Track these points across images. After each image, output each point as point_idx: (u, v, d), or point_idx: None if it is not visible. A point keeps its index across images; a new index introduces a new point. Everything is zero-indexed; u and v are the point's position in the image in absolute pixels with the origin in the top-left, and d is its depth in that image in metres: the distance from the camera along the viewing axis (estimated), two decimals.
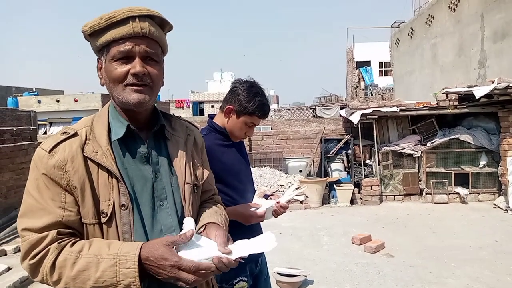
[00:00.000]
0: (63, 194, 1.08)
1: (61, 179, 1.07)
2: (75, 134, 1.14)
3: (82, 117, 1.26)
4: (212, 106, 36.19)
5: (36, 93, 25.46)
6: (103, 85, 1.20)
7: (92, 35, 1.15)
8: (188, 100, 38.24)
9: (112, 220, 1.10)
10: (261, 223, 2.11)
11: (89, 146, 1.12)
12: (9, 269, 4.74)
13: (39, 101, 22.60)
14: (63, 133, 1.14)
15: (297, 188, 2.11)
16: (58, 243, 1.05)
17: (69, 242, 1.06)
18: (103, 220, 1.09)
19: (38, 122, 16.93)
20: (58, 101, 22.75)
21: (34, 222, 1.05)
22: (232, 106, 1.95)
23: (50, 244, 1.04)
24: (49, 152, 1.09)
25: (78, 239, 1.09)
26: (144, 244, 1.06)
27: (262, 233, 2.15)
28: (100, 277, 1.01)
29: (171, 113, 1.42)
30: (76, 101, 22.54)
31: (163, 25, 1.22)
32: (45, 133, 20.93)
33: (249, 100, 1.91)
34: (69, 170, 1.08)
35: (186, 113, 34.84)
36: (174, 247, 1.06)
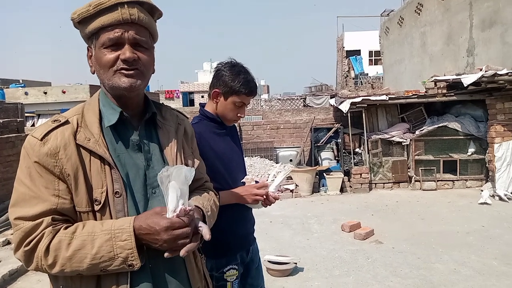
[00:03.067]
0: (56, 182, 1.07)
1: (54, 167, 1.07)
2: (67, 122, 1.13)
3: (70, 109, 1.26)
4: (202, 97, 35.97)
5: (23, 84, 25.05)
6: (93, 73, 1.20)
7: (81, 22, 1.15)
8: (178, 90, 37.93)
9: (106, 208, 1.10)
10: (252, 211, 2.11)
11: (81, 134, 1.12)
12: None
13: (26, 93, 22.26)
14: (54, 121, 1.13)
15: (278, 172, 2.10)
16: (53, 227, 1.05)
17: (63, 226, 1.06)
18: (97, 208, 1.09)
19: (26, 114, 16.66)
20: (45, 93, 22.44)
21: (28, 210, 1.05)
22: (218, 89, 1.93)
23: (45, 229, 1.04)
24: (41, 140, 1.08)
25: (72, 224, 1.09)
26: (136, 216, 1.08)
27: (254, 220, 2.16)
28: (97, 253, 1.02)
29: (161, 103, 1.42)
30: (64, 92, 22.24)
31: (153, 11, 1.21)
32: (33, 125, 20.65)
33: (233, 79, 1.89)
34: (62, 157, 1.07)
35: (176, 104, 34.61)
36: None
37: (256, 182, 2.08)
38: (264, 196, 1.93)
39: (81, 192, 1.08)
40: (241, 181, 2.05)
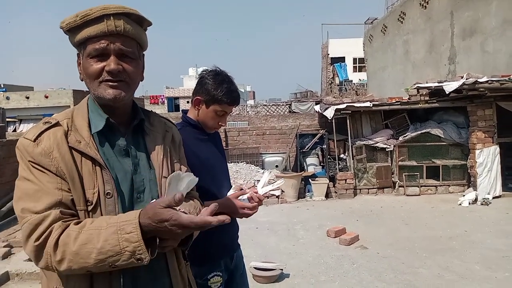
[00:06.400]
0: (58, 178, 1.08)
1: (50, 166, 1.08)
2: (58, 124, 1.14)
3: (53, 114, 1.25)
4: (188, 102, 35.84)
5: (4, 89, 24.64)
6: (82, 80, 1.21)
7: (69, 31, 1.16)
8: (163, 96, 37.73)
9: (97, 208, 1.11)
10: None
11: (72, 137, 1.13)
12: None
13: (7, 98, 21.88)
14: (45, 123, 1.14)
15: (271, 180, 2.12)
16: (63, 221, 1.03)
17: (73, 221, 1.05)
18: (89, 208, 1.10)
19: (7, 119, 16.35)
20: (28, 98, 22.09)
21: (34, 204, 1.04)
22: (200, 97, 1.93)
23: (53, 223, 1.02)
24: (34, 141, 1.09)
25: (80, 220, 1.08)
26: (142, 210, 1.04)
27: (238, 226, 2.15)
28: (102, 247, 0.99)
29: (150, 110, 1.43)
30: (46, 97, 21.93)
31: (141, 21, 1.22)
32: (14, 130, 20.27)
33: (216, 88, 1.89)
34: (56, 156, 1.08)
35: (161, 109, 34.38)
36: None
37: (241, 189, 2.07)
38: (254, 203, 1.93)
39: (78, 191, 1.09)
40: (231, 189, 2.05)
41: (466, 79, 7.06)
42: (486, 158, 7.34)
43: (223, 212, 1.91)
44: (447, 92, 7.30)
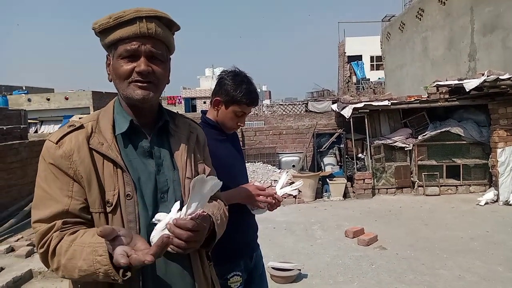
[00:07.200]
0: (71, 183, 1.12)
1: (68, 169, 1.11)
2: (81, 127, 1.18)
3: (73, 115, 1.29)
4: (205, 103, 36.06)
5: (26, 91, 25.22)
6: (110, 81, 1.25)
7: (102, 32, 1.19)
8: (180, 96, 37.99)
9: (117, 209, 1.13)
10: (255, 217, 2.11)
11: (95, 139, 1.16)
12: (1, 269, 4.70)
13: (29, 100, 22.38)
14: (69, 126, 1.19)
15: (291, 183, 2.12)
16: (61, 231, 1.07)
17: (70, 231, 1.08)
18: (108, 209, 1.13)
19: (29, 121, 16.72)
20: (48, 99, 22.55)
21: (43, 212, 1.09)
22: (219, 98, 1.95)
23: (54, 233, 1.08)
24: (56, 143, 1.14)
25: (83, 227, 1.11)
26: None
27: (257, 227, 2.16)
28: (81, 266, 1.02)
29: (176, 111, 1.45)
30: (66, 99, 22.35)
31: (170, 25, 1.25)
32: (36, 131, 20.74)
33: (235, 88, 1.90)
34: (76, 159, 1.12)
35: (178, 110, 34.45)
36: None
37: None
38: (270, 199, 1.94)
39: (94, 194, 1.12)
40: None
41: (487, 76, 6.90)
42: (508, 157, 7.17)
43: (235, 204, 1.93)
44: (467, 90, 7.15)
